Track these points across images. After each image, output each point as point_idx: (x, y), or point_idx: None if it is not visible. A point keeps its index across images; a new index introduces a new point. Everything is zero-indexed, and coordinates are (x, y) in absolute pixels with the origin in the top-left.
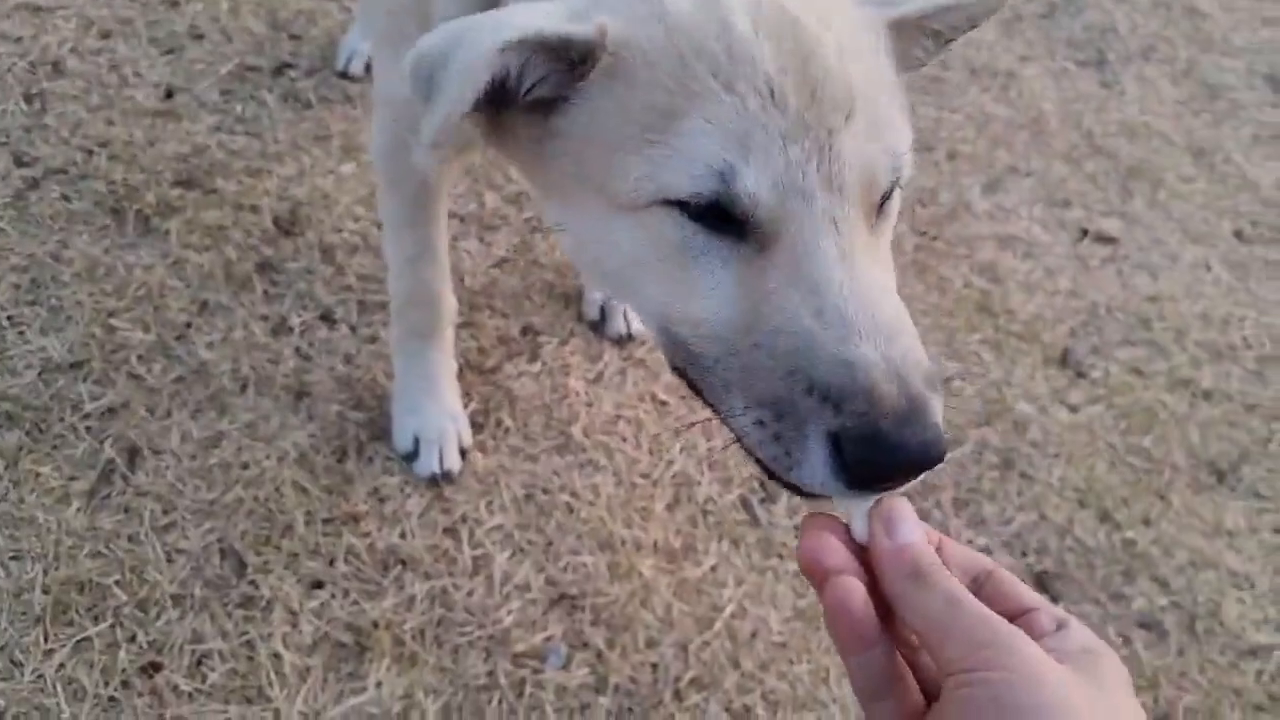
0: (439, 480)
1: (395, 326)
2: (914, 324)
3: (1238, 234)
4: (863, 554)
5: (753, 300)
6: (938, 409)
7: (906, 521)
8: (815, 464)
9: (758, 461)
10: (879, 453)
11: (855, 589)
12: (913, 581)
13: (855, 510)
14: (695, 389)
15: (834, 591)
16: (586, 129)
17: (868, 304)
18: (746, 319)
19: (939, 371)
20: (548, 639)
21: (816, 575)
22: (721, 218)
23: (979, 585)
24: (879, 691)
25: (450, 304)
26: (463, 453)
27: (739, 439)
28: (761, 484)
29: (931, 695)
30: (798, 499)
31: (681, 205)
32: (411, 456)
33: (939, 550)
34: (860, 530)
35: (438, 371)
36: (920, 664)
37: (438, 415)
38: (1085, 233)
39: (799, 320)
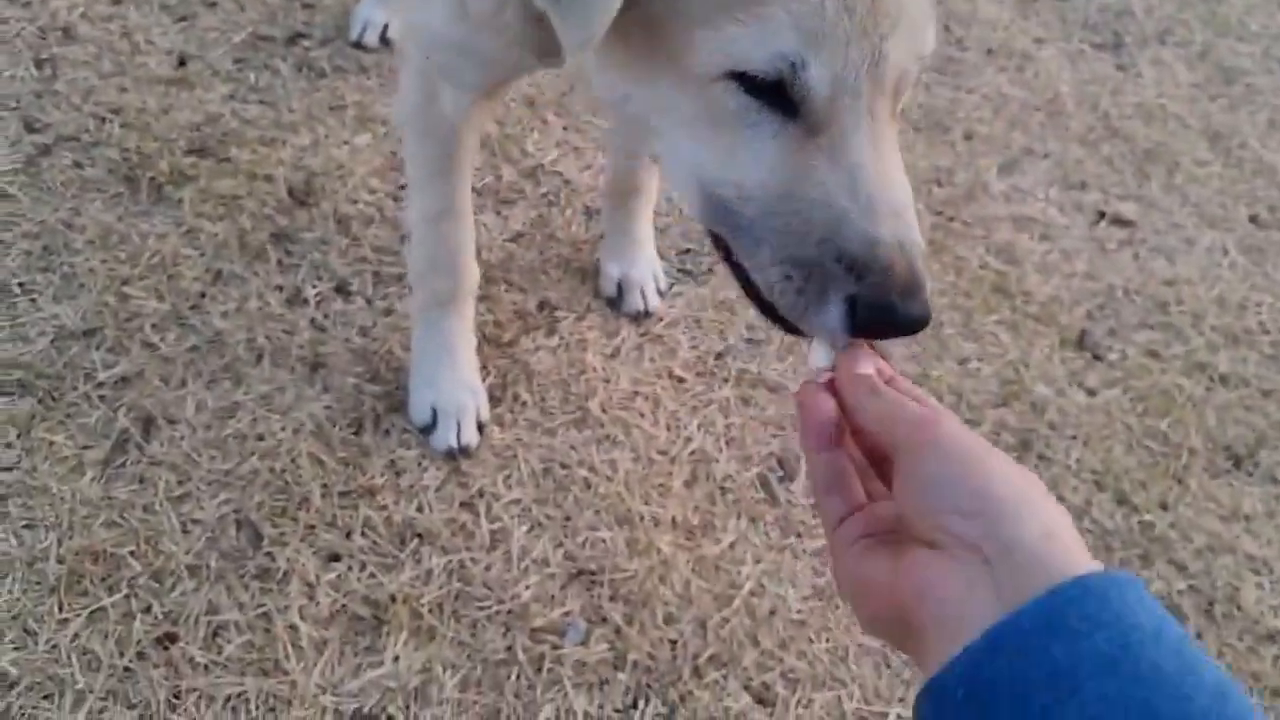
0: (456, 454)
1: (415, 294)
2: (933, 304)
3: (1254, 219)
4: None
5: (795, 173)
6: (929, 284)
7: (865, 361)
8: (832, 318)
9: (760, 303)
10: (886, 318)
11: (829, 403)
12: (869, 395)
13: (822, 343)
14: (721, 245)
15: (812, 402)
16: (672, 3)
17: (889, 189)
18: (788, 187)
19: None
20: (566, 614)
21: (805, 403)
22: (779, 97)
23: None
24: (832, 486)
25: (473, 271)
26: (480, 427)
27: (752, 286)
28: (780, 463)
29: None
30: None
31: (744, 80)
32: (429, 429)
33: (891, 381)
34: (820, 356)
35: (458, 342)
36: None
37: (456, 388)
38: (1102, 215)
39: (836, 199)
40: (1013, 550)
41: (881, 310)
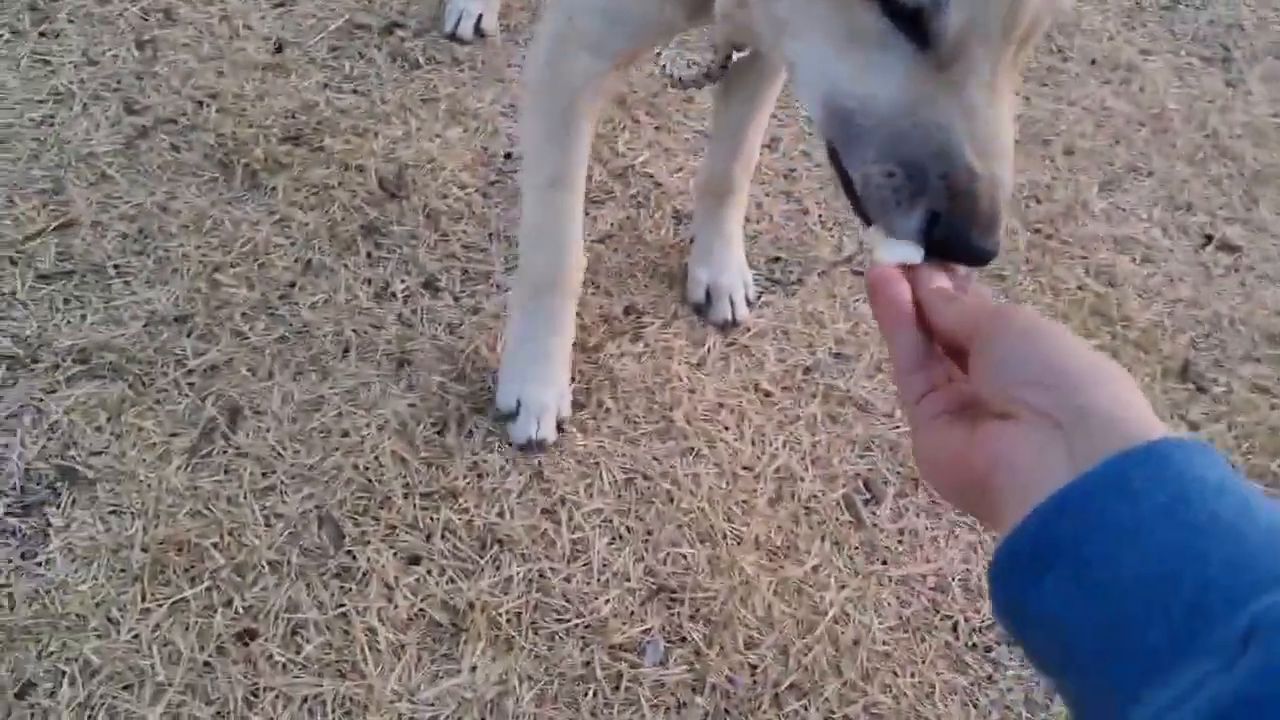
0: (532, 447)
1: (520, 278)
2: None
3: None
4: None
5: (916, 98)
6: (1003, 224)
7: (940, 276)
8: (911, 222)
9: (854, 197)
10: (959, 241)
11: (905, 289)
12: (946, 300)
13: (892, 243)
14: (832, 151)
15: (886, 287)
16: None
17: (998, 133)
18: (910, 106)
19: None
20: (645, 632)
21: (879, 286)
22: (915, 27)
23: None
24: (912, 364)
25: (578, 257)
26: (560, 425)
27: (850, 182)
28: (866, 485)
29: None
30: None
31: (887, 4)
32: (510, 418)
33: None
34: (888, 253)
35: (553, 337)
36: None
37: (543, 385)
38: (1208, 239)
39: (953, 129)
40: (1086, 416)
41: (957, 233)
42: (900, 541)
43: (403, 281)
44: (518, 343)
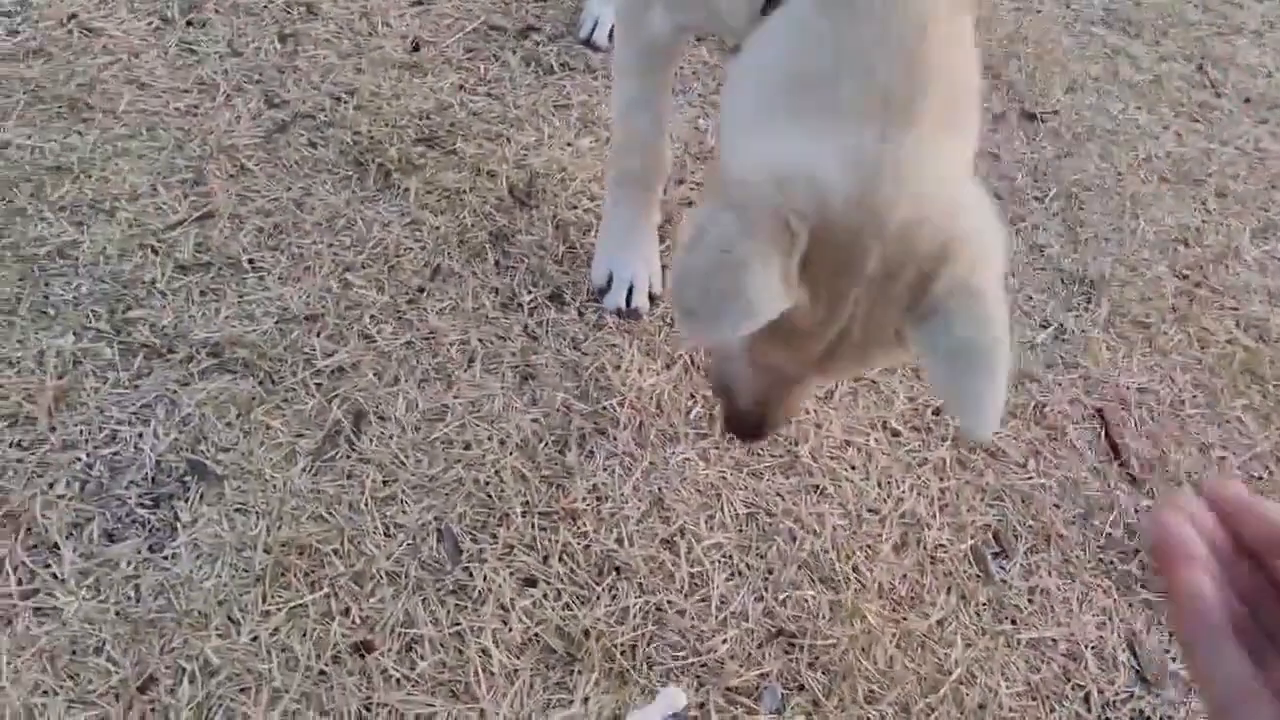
0: (623, 315)
1: (610, 169)
2: (1170, 379)
3: None
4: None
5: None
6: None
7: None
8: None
9: None
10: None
11: (1204, 577)
12: None
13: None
14: None
15: (1177, 571)
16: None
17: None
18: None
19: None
20: (763, 676)
21: (1167, 557)
22: None
23: None
24: (1240, 698)
25: (662, 158)
26: (652, 298)
27: None
28: (996, 537)
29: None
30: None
31: None
32: (604, 292)
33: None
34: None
35: (640, 220)
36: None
37: (630, 259)
38: None
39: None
40: None
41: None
42: (1030, 600)
43: (529, 292)
44: (609, 222)
